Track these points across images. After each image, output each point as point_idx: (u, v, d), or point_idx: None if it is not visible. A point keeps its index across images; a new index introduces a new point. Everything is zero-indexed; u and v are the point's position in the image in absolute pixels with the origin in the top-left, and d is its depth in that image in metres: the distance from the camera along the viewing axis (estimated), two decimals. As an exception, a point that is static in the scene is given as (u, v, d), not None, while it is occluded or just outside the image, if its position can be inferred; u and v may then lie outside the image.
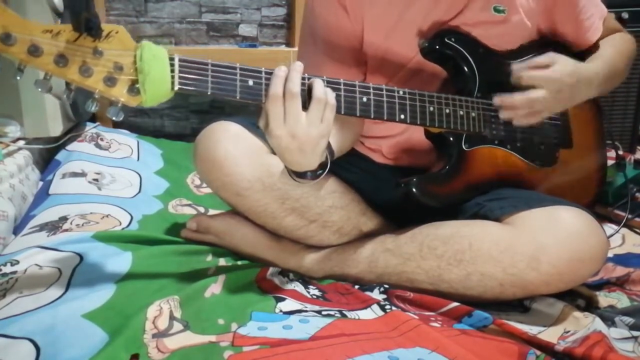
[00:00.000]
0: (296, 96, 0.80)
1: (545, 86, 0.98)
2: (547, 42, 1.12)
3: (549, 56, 1.00)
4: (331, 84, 0.85)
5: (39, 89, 0.70)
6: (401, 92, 0.92)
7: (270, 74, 0.81)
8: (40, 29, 0.68)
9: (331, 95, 0.83)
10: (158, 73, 0.73)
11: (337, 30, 1.03)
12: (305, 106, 0.81)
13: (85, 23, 0.68)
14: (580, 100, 1.05)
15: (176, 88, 0.75)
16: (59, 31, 0.69)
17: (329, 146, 0.90)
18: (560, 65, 0.99)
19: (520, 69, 0.98)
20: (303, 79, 0.82)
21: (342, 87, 0.86)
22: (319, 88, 0.82)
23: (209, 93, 0.78)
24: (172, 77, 0.75)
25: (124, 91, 0.73)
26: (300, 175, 0.89)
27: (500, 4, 1.02)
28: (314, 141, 0.82)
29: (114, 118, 0.75)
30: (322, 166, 0.89)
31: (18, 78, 0.69)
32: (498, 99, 0.99)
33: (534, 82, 0.98)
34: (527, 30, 1.07)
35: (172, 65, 0.75)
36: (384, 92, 0.90)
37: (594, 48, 1.13)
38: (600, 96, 1.16)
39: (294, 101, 0.80)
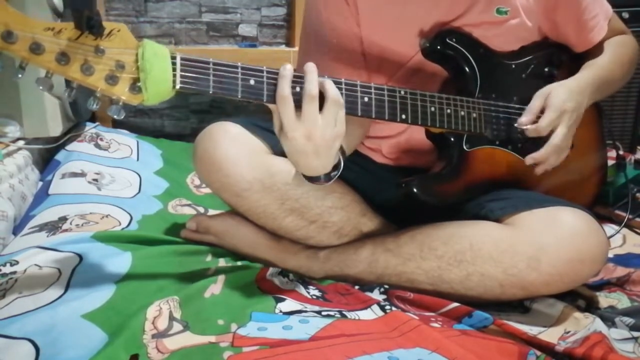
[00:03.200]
0: (315, 98, 0.79)
1: (560, 123, 0.99)
2: (548, 43, 1.12)
3: (539, 95, 1.01)
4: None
5: (40, 87, 0.70)
6: (402, 92, 0.92)
7: (272, 72, 0.80)
8: (42, 27, 0.68)
9: (341, 96, 0.83)
10: (159, 72, 0.73)
11: (337, 27, 1.02)
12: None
13: (87, 21, 0.68)
14: (584, 110, 1.06)
15: (178, 87, 0.75)
16: (60, 29, 0.68)
17: (340, 147, 0.90)
18: (554, 96, 1.00)
19: (531, 124, 0.99)
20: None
21: (343, 86, 0.86)
22: (333, 89, 0.81)
23: (210, 92, 0.77)
24: (174, 75, 0.74)
25: (126, 89, 0.73)
26: (313, 179, 0.89)
27: (502, 5, 1.02)
28: (329, 143, 0.82)
29: (115, 116, 0.74)
30: (335, 168, 0.89)
31: (19, 76, 0.69)
32: (531, 159, 1.01)
33: (551, 127, 0.99)
34: (528, 30, 1.07)
35: (173, 64, 0.74)
36: (386, 92, 0.90)
37: (597, 49, 1.13)
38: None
39: (312, 103, 0.79)
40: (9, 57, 0.68)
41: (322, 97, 0.81)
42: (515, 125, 1.02)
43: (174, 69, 0.74)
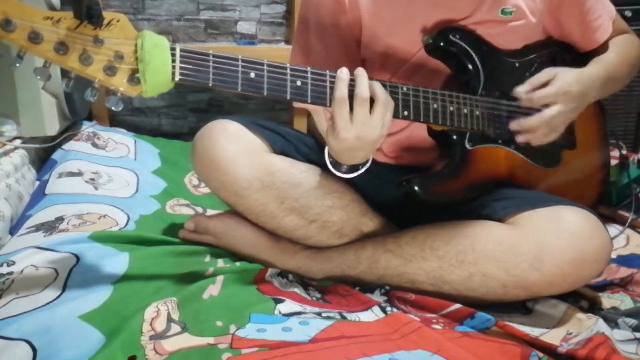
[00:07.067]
0: (367, 101, 0.83)
1: (558, 101, 0.98)
2: (552, 42, 1.11)
3: (547, 72, 1.00)
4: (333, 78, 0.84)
5: (38, 77, 0.69)
6: (405, 89, 0.91)
7: (272, 66, 0.80)
8: (41, 16, 0.67)
9: (390, 99, 0.86)
10: (159, 63, 0.72)
11: (331, 21, 1.02)
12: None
13: (86, 11, 0.67)
14: (588, 104, 1.05)
15: (177, 79, 0.74)
16: (59, 18, 0.68)
17: None
18: (561, 77, 0.99)
19: (527, 93, 0.98)
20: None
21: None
22: (382, 92, 0.84)
23: (210, 85, 0.77)
24: (174, 67, 0.74)
25: (124, 81, 0.72)
26: (337, 167, 0.93)
27: (507, 6, 1.01)
28: (376, 142, 0.86)
29: (113, 108, 0.74)
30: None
31: (17, 65, 0.68)
32: (515, 125, 1.00)
33: (546, 101, 0.98)
34: (533, 30, 1.06)
35: (173, 55, 0.74)
36: (388, 88, 0.89)
37: (602, 49, 1.12)
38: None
39: (364, 106, 0.83)
40: (7, 47, 0.68)
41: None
42: (512, 93, 1.00)
43: (174, 61, 0.74)
